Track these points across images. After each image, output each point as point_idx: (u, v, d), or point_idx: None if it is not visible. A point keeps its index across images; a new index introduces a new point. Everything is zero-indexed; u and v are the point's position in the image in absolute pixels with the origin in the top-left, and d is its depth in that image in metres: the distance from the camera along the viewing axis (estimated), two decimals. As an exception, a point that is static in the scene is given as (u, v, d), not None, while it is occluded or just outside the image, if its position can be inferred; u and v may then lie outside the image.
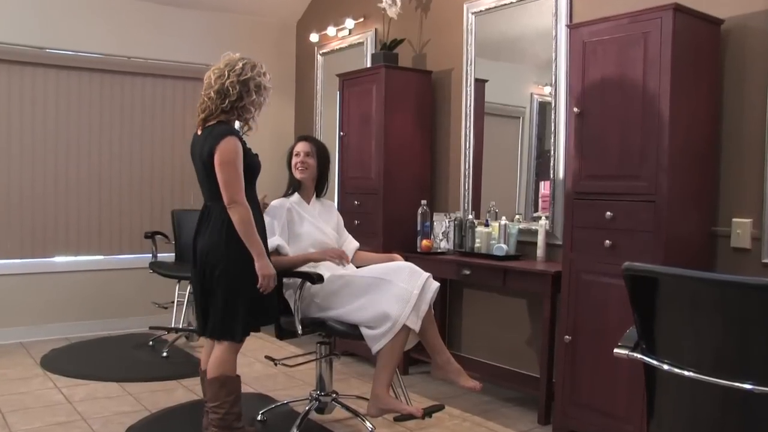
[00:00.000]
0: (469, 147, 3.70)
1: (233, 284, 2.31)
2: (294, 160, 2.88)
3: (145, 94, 4.67)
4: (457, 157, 3.80)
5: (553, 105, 3.23)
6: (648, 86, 2.45)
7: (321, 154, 2.91)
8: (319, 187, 2.96)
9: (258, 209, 2.40)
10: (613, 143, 2.58)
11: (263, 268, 2.32)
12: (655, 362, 1.44)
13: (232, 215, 2.26)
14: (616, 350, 1.53)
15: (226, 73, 2.29)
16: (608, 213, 2.59)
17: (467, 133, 3.70)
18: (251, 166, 2.33)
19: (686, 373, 1.36)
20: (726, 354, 1.32)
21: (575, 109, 2.69)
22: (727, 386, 1.28)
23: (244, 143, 2.32)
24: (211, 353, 2.42)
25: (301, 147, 2.88)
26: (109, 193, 4.58)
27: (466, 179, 3.72)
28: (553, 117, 3.24)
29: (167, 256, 4.42)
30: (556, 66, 3.22)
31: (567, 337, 2.72)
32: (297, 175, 2.86)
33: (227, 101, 2.29)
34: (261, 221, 2.43)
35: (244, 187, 2.28)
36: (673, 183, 2.43)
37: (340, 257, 2.59)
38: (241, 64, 2.31)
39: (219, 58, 2.38)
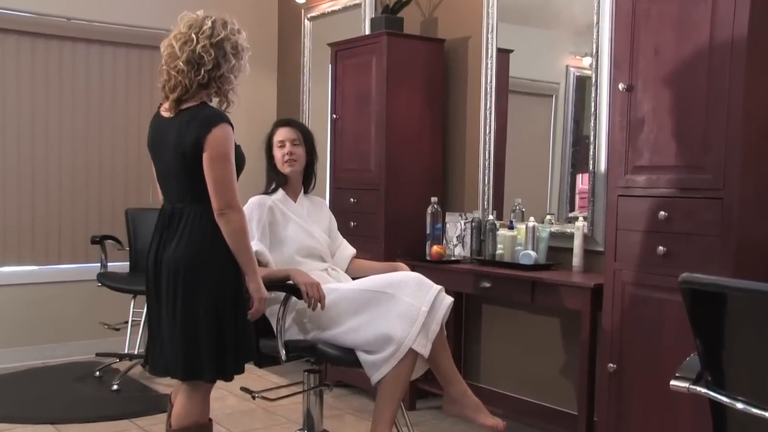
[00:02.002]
0: (490, 132, 3.71)
1: (220, 310, 2.28)
2: (278, 151, 2.87)
3: (91, 66, 4.66)
4: (476, 145, 3.79)
5: (593, 80, 3.23)
6: (716, 56, 2.43)
7: (307, 138, 2.93)
8: (307, 179, 2.96)
9: None
10: (669, 127, 2.57)
11: (258, 290, 2.33)
12: (725, 399, 1.42)
13: (225, 223, 2.24)
14: (673, 383, 1.52)
15: (193, 36, 2.26)
16: (662, 213, 2.58)
17: (488, 115, 3.71)
18: (238, 160, 2.32)
19: (768, 414, 1.34)
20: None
21: (621, 85, 2.68)
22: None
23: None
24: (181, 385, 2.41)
25: (286, 134, 2.88)
26: (46, 189, 4.55)
27: (486, 172, 3.73)
28: (593, 95, 3.23)
29: (119, 265, 4.42)
30: (598, 32, 3.21)
31: (611, 365, 2.71)
32: (286, 169, 2.86)
33: (202, 72, 2.25)
34: None
35: None
36: (745, 175, 2.41)
37: (317, 298, 2.53)
38: (209, 23, 2.29)
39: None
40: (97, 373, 4.15)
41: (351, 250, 3.05)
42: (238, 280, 2.32)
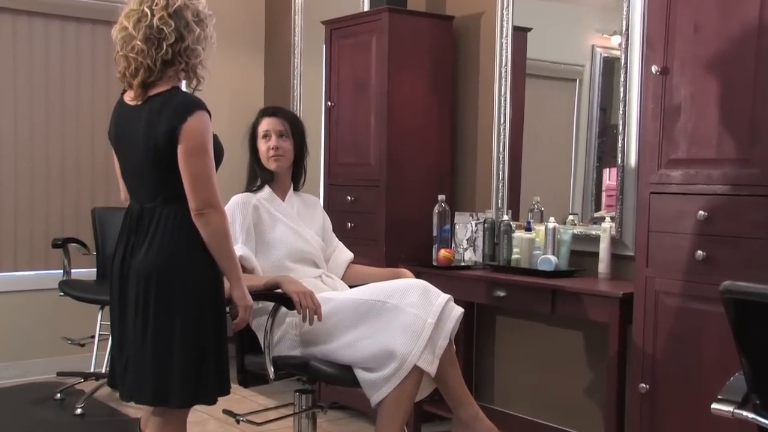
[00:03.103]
0: (505, 122, 3.71)
1: (199, 324, 2.28)
2: (263, 144, 2.87)
3: (51, 46, 4.63)
4: (488, 136, 3.80)
5: (623, 62, 3.22)
6: (766, 34, 2.42)
7: (297, 130, 2.94)
8: (296, 175, 2.97)
9: None
10: (710, 115, 2.56)
11: (244, 297, 2.34)
12: (777, 425, 1.42)
13: (205, 225, 2.24)
14: (715, 406, 1.52)
15: (146, 11, 2.26)
16: (701, 212, 2.58)
17: (502, 102, 3.71)
18: (217, 153, 2.32)
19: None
20: None
21: (655, 68, 2.68)
22: None
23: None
24: (152, 411, 2.40)
25: (271, 125, 2.89)
26: None
27: (501, 166, 3.73)
28: (623, 79, 3.22)
29: (85, 272, 4.42)
30: (628, 7, 3.20)
31: (643, 385, 2.71)
32: (271, 165, 2.88)
33: (164, 47, 2.25)
34: None
35: None
36: (797, 170, 2.42)
37: (312, 309, 2.54)
38: None
39: None
40: (59, 395, 4.14)
41: (348, 255, 3.05)
42: (219, 289, 2.31)
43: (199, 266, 2.28)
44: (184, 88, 2.36)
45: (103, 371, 4.08)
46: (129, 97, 2.34)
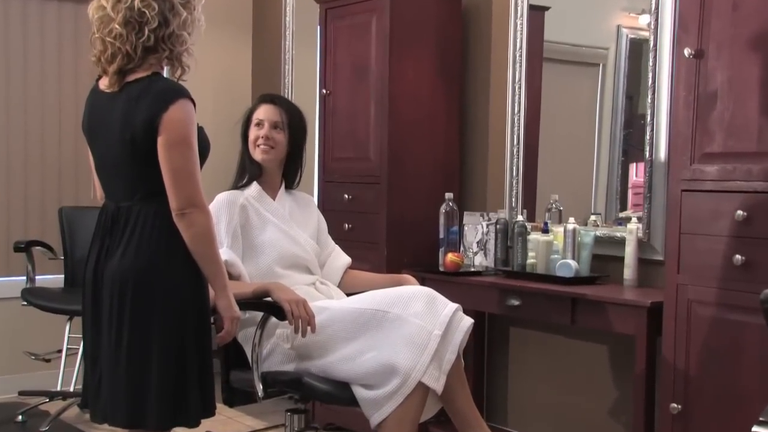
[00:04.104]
0: (520, 111, 3.70)
1: (181, 337, 2.28)
2: (253, 131, 2.87)
3: (11, 25, 4.60)
4: (501, 127, 3.79)
5: (652, 44, 3.21)
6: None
7: (295, 124, 2.95)
8: (290, 175, 2.97)
9: None
10: (750, 102, 2.55)
11: (230, 307, 2.33)
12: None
13: (187, 226, 2.24)
14: (756, 429, 1.51)
15: None
16: (739, 212, 2.57)
17: (517, 89, 3.71)
18: (202, 146, 2.32)
19: None
20: None
21: (688, 50, 2.67)
22: None
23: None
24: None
25: (267, 113, 2.90)
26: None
27: (515, 161, 3.73)
28: (651, 62, 3.22)
29: (51, 279, 4.40)
30: (658, -17, 3.22)
31: (674, 405, 2.70)
32: (258, 156, 2.88)
33: (146, 32, 2.25)
34: None
35: None
36: None
37: (305, 319, 2.55)
38: None
39: None
40: (20, 417, 4.11)
41: (345, 260, 3.06)
42: (203, 297, 2.31)
43: (181, 272, 2.27)
44: (166, 75, 2.36)
45: (71, 390, 4.07)
46: (104, 84, 2.33)
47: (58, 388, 4.14)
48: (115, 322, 2.26)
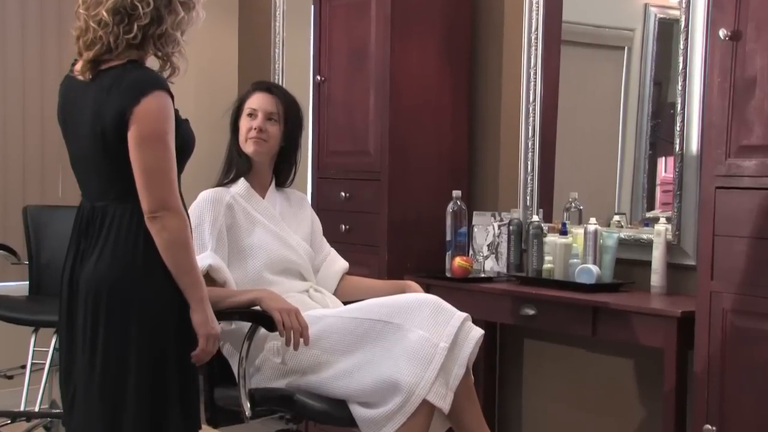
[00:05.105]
0: (535, 100, 3.71)
1: (160, 352, 2.28)
2: (245, 122, 2.88)
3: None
4: (515, 117, 3.79)
5: (683, 24, 3.21)
6: None
7: (292, 117, 2.95)
8: (283, 172, 2.99)
9: (187, 216, 2.39)
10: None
11: (206, 323, 2.31)
12: None
13: (159, 231, 2.24)
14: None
15: None
16: (780, 211, 2.58)
17: (532, 76, 3.71)
18: (184, 141, 2.33)
19: None
20: None
21: (723, 32, 2.65)
22: None
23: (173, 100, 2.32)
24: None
25: (261, 102, 2.90)
26: None
27: (530, 155, 3.73)
28: (682, 45, 3.21)
29: (15, 286, 4.41)
30: (690, -43, 3.22)
31: (709, 427, 2.68)
32: (249, 148, 2.88)
33: (134, 29, 2.24)
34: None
35: None
36: None
37: (298, 330, 2.54)
38: None
39: None
40: (-21, 440, 4.13)
41: (341, 265, 3.07)
42: (185, 307, 2.30)
43: (160, 280, 2.27)
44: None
45: (37, 410, 4.05)
46: (78, 69, 2.34)
47: (22, 408, 4.11)
48: (89, 333, 2.27)
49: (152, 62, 2.36)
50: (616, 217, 3.42)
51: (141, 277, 2.27)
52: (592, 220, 3.35)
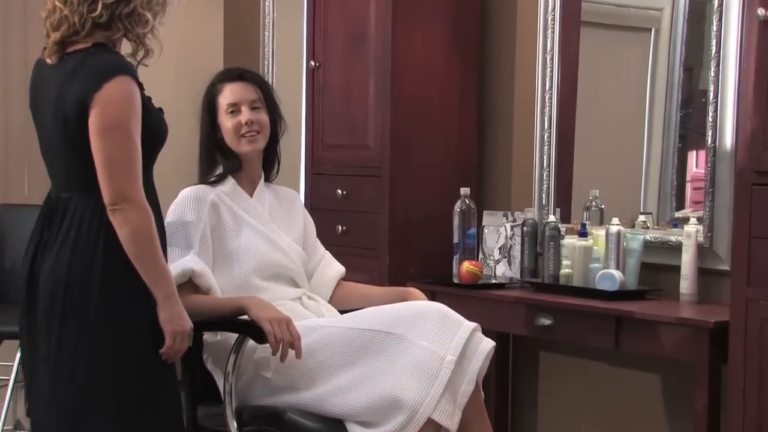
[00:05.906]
0: (552, 88, 3.71)
1: (130, 361, 2.30)
2: (230, 120, 2.87)
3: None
4: (529, 109, 3.79)
5: (716, 3, 3.21)
6: None
7: (271, 99, 2.96)
8: (269, 163, 2.99)
9: (158, 210, 2.42)
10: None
11: (172, 320, 2.32)
12: None
13: (120, 224, 2.27)
14: None
15: None
16: (824, 211, 2.57)
17: (548, 62, 3.72)
18: (153, 131, 2.35)
19: None
20: None
21: (761, 11, 2.64)
22: None
23: (141, 87, 2.34)
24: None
25: (239, 94, 2.89)
26: None
27: (546, 149, 3.74)
28: (715, 27, 3.21)
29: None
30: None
31: (745, 446, 2.69)
32: (245, 148, 2.87)
33: (99, 7, 2.27)
34: (162, 231, 2.46)
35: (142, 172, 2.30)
36: None
37: (288, 341, 2.54)
38: None
39: None
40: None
41: (338, 269, 3.07)
42: (148, 305, 2.33)
43: (123, 278, 2.30)
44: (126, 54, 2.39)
45: (0, 428, 4.05)
46: (47, 53, 2.38)
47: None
48: (51, 334, 2.30)
49: (127, 47, 2.41)
50: (642, 217, 3.43)
51: (101, 277, 2.29)
52: (615, 220, 3.35)
